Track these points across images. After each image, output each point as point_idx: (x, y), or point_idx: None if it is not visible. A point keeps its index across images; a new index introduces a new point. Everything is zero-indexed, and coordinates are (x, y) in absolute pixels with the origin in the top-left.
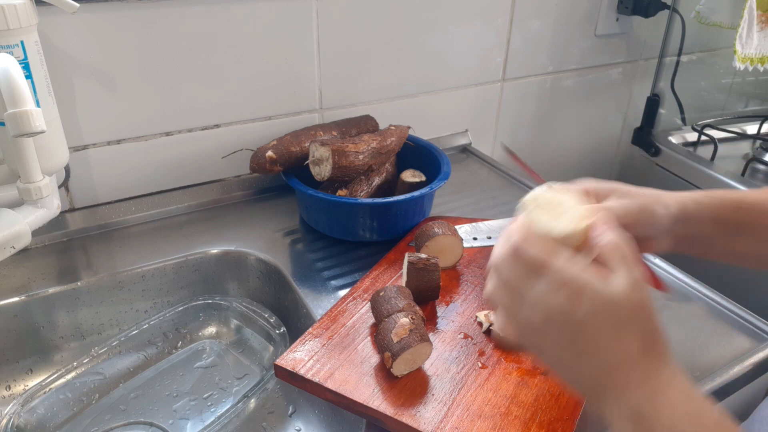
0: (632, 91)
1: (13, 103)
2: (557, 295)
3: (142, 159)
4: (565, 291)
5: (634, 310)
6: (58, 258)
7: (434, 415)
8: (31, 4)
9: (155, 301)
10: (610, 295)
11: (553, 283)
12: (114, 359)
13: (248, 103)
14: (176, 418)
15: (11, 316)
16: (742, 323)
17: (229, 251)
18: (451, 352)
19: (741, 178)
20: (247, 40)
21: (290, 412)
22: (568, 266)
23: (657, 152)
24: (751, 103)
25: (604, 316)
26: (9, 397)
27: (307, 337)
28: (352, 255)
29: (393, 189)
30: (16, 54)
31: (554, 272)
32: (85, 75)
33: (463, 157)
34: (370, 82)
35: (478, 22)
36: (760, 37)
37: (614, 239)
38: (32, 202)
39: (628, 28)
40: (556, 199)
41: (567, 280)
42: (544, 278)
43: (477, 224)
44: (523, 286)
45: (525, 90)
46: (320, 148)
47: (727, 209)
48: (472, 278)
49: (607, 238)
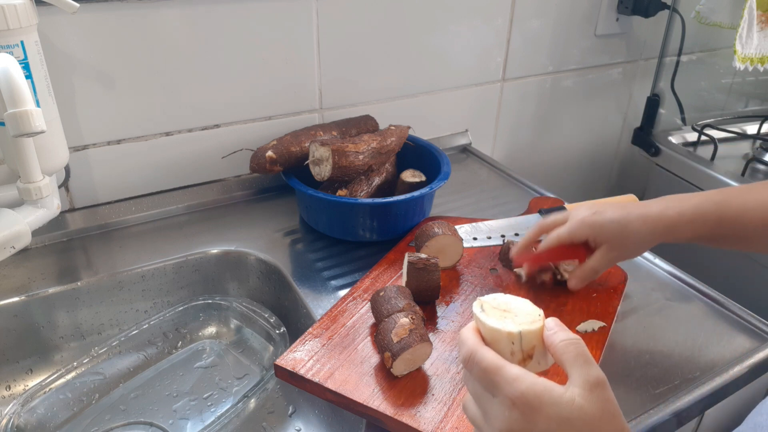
0: (632, 91)
1: (13, 103)
2: (512, 412)
3: (142, 159)
4: (518, 408)
5: (594, 417)
6: (58, 258)
7: (434, 415)
8: (31, 4)
9: (155, 301)
10: (566, 407)
11: (507, 399)
12: (114, 359)
13: (248, 103)
14: (176, 418)
15: (11, 316)
16: (742, 323)
17: (229, 251)
18: (451, 352)
19: (741, 178)
20: (247, 40)
21: (290, 412)
22: (518, 380)
23: (657, 152)
24: (751, 103)
25: (563, 430)
26: (9, 397)
27: (307, 337)
28: (352, 255)
29: (393, 189)
30: (16, 54)
31: (506, 385)
32: (85, 75)
33: (463, 157)
34: (370, 82)
35: (478, 22)
36: (760, 37)
37: (564, 338)
38: (32, 202)
39: (628, 28)
40: (508, 302)
41: (518, 396)
42: (497, 392)
43: (477, 224)
44: (483, 401)
45: (525, 90)
46: (320, 148)
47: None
48: (472, 278)
49: (557, 340)
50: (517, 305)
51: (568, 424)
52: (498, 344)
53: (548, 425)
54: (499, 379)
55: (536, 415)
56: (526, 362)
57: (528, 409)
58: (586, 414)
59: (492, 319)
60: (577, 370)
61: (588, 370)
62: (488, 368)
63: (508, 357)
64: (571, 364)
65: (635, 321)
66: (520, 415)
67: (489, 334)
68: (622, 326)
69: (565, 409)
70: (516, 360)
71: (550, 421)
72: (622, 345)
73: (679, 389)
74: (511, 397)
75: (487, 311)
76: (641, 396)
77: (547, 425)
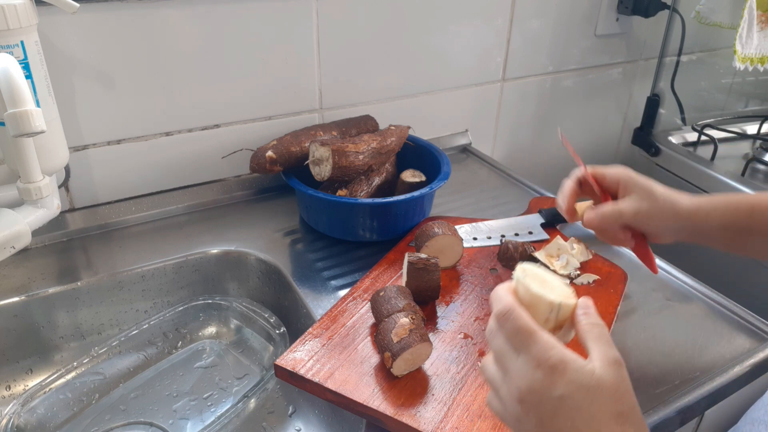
0: (632, 91)
1: (13, 103)
2: (535, 372)
3: (142, 159)
4: (542, 370)
5: (610, 390)
6: (58, 258)
7: (434, 415)
8: (31, 4)
9: (155, 301)
10: (587, 376)
11: (533, 360)
12: (114, 359)
13: (248, 103)
14: (176, 418)
15: (11, 316)
16: (742, 323)
17: (229, 251)
18: (451, 352)
19: (741, 178)
20: (247, 40)
21: (290, 412)
22: (549, 344)
23: (657, 152)
24: (751, 103)
25: (580, 396)
26: (9, 397)
27: (307, 337)
28: (352, 255)
29: (393, 189)
30: (16, 54)
31: (535, 348)
32: (85, 75)
33: (463, 157)
34: (370, 82)
35: (478, 22)
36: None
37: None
38: (32, 202)
39: (628, 28)
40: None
41: (547, 358)
42: (525, 351)
43: (477, 224)
44: (507, 359)
45: (525, 90)
46: (320, 148)
47: (740, 217)
48: (472, 278)
49: (584, 322)
50: (552, 280)
51: (585, 391)
52: (536, 309)
53: (567, 389)
54: (531, 340)
55: (558, 378)
56: (554, 332)
57: (551, 372)
58: (602, 385)
59: (535, 285)
60: (599, 348)
61: (608, 350)
62: (522, 327)
63: (542, 323)
64: (594, 342)
65: (635, 321)
66: (543, 377)
67: (530, 298)
68: (622, 326)
69: (585, 377)
70: (548, 327)
71: (569, 385)
72: (622, 345)
73: (679, 389)
74: (539, 358)
75: (528, 277)
76: (641, 396)
77: (566, 389)
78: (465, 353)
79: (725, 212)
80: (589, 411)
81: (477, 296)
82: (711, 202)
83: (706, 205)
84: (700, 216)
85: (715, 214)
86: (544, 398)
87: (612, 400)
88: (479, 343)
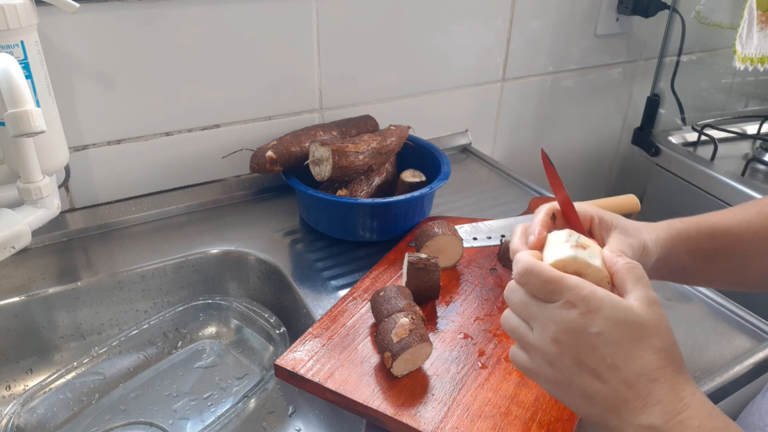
0: (632, 91)
1: (13, 103)
2: (570, 312)
3: (142, 159)
4: (578, 308)
5: (650, 326)
6: (58, 258)
7: (434, 415)
8: (31, 4)
9: (155, 301)
10: (624, 311)
11: (566, 302)
12: (114, 359)
13: (248, 103)
14: (176, 418)
15: (11, 316)
16: (742, 323)
17: (229, 251)
18: (451, 352)
19: (741, 178)
20: (247, 40)
21: (290, 412)
22: (581, 285)
23: (657, 152)
24: (751, 103)
25: (619, 331)
26: (9, 397)
27: (307, 337)
28: (352, 255)
29: (393, 189)
30: (16, 54)
31: (567, 291)
32: (85, 75)
33: (463, 157)
34: (370, 82)
35: (478, 22)
36: (760, 37)
37: (629, 262)
38: (32, 202)
39: (628, 28)
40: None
41: (581, 298)
42: (557, 297)
43: (477, 224)
44: (535, 306)
45: (525, 90)
46: (320, 148)
47: (702, 238)
48: (472, 278)
49: (621, 261)
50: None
51: (623, 326)
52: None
53: (605, 325)
54: (560, 285)
55: (595, 315)
56: (578, 250)
57: (587, 309)
58: (641, 321)
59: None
60: (638, 288)
61: (648, 291)
62: (550, 278)
63: (563, 244)
64: (633, 283)
65: None
66: (579, 315)
67: (551, 236)
68: None
69: (622, 312)
70: (570, 245)
71: (607, 321)
72: None
73: None
74: (572, 299)
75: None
76: None
77: (604, 325)
78: (465, 353)
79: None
80: (628, 346)
81: (477, 296)
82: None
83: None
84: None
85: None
86: (582, 336)
87: (652, 335)
88: (479, 343)
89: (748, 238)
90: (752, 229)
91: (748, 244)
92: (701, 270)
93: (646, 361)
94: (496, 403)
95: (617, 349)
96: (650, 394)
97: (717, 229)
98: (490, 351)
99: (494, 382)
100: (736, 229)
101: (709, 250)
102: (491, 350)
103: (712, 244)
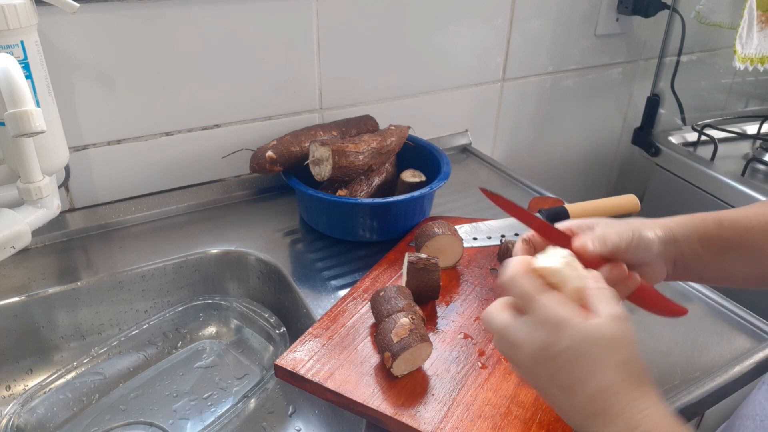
0: (632, 91)
1: (13, 103)
2: (538, 331)
3: (142, 159)
4: (545, 327)
5: (611, 342)
6: (58, 258)
7: (434, 415)
8: (31, 4)
9: (155, 301)
10: (587, 329)
11: (536, 320)
12: (114, 359)
13: (248, 103)
14: (176, 418)
15: (11, 316)
16: (742, 323)
17: (229, 251)
18: (451, 352)
19: (741, 178)
20: (247, 40)
21: (290, 412)
22: (551, 304)
23: (657, 152)
24: (751, 103)
25: (581, 348)
26: (9, 397)
27: (307, 337)
28: (352, 255)
29: (393, 189)
30: (16, 54)
31: (538, 309)
32: (85, 75)
33: (463, 157)
34: (370, 82)
35: (478, 22)
36: (760, 37)
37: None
38: (32, 202)
39: (628, 28)
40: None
41: (548, 317)
42: (529, 315)
43: (477, 224)
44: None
45: (525, 90)
46: (320, 148)
47: (710, 226)
48: (472, 278)
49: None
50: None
51: (586, 343)
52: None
53: (570, 342)
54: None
55: (560, 334)
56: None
57: (554, 329)
58: (605, 336)
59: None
60: (603, 305)
61: (614, 307)
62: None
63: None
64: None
65: (635, 321)
66: (546, 335)
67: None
68: None
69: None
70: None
71: (571, 340)
72: None
73: (679, 389)
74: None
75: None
76: None
77: (569, 342)
78: (465, 353)
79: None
80: (590, 361)
81: (477, 296)
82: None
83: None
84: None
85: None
86: (551, 354)
87: (614, 350)
88: (479, 343)
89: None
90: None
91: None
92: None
93: (607, 376)
94: (496, 403)
95: (581, 364)
96: (612, 407)
97: (724, 219)
98: (490, 351)
99: (494, 382)
100: (743, 220)
101: (720, 238)
102: (491, 350)
103: (722, 232)
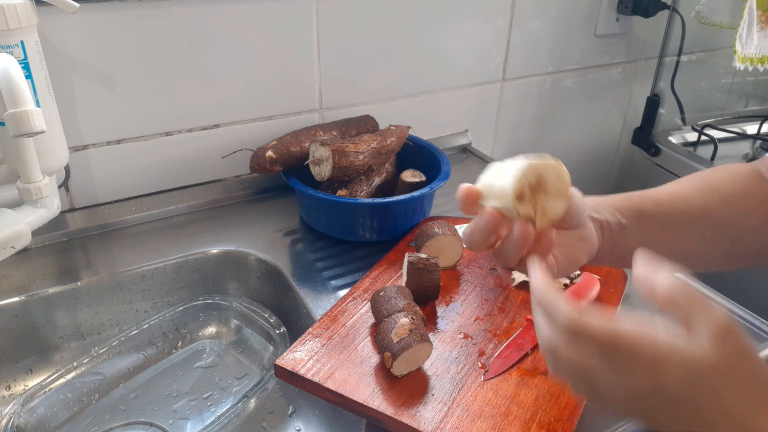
0: (632, 91)
1: (13, 103)
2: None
3: (142, 159)
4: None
5: (732, 364)
6: (58, 258)
7: (434, 415)
8: (31, 4)
9: (155, 301)
10: (697, 358)
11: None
12: (114, 359)
13: (248, 103)
14: (176, 418)
15: (11, 316)
16: (742, 323)
17: (229, 251)
18: (451, 352)
19: None
20: (247, 40)
21: (290, 412)
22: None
23: (657, 152)
24: (751, 103)
25: (700, 384)
26: (9, 397)
27: (307, 337)
28: (352, 255)
29: (393, 189)
30: (16, 54)
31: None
32: (85, 75)
33: (463, 157)
34: (370, 82)
35: (478, 22)
36: (760, 37)
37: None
38: (32, 202)
39: (628, 28)
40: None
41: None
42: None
43: None
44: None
45: (525, 90)
46: (320, 148)
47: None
48: (472, 278)
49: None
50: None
51: (703, 380)
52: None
53: (680, 384)
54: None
55: (663, 372)
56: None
57: (653, 370)
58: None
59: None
60: (698, 314)
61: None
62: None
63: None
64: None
65: None
66: (646, 379)
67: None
68: None
69: (696, 364)
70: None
71: (681, 379)
72: None
73: None
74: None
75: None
76: None
77: (679, 384)
78: (465, 353)
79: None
80: (716, 395)
81: (477, 296)
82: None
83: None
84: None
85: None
86: (655, 403)
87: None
88: (479, 343)
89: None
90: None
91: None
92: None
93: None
94: (496, 403)
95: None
96: None
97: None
98: (490, 351)
99: (494, 382)
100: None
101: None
102: (491, 350)
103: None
